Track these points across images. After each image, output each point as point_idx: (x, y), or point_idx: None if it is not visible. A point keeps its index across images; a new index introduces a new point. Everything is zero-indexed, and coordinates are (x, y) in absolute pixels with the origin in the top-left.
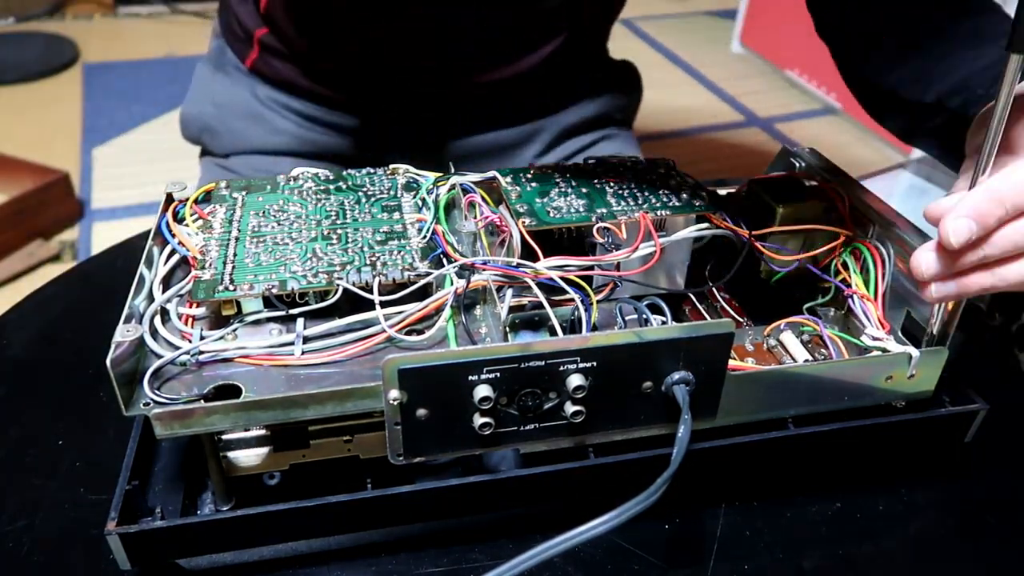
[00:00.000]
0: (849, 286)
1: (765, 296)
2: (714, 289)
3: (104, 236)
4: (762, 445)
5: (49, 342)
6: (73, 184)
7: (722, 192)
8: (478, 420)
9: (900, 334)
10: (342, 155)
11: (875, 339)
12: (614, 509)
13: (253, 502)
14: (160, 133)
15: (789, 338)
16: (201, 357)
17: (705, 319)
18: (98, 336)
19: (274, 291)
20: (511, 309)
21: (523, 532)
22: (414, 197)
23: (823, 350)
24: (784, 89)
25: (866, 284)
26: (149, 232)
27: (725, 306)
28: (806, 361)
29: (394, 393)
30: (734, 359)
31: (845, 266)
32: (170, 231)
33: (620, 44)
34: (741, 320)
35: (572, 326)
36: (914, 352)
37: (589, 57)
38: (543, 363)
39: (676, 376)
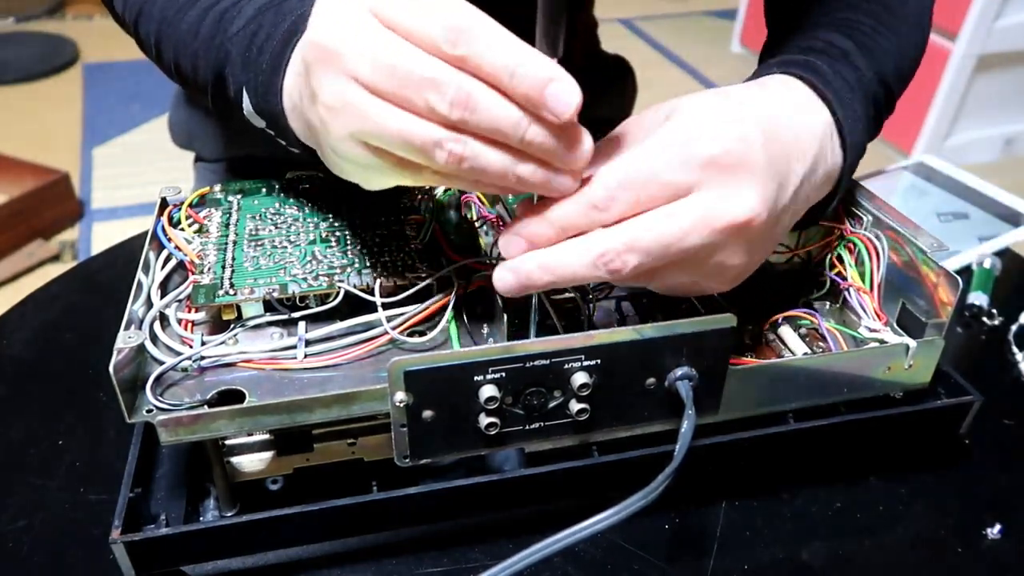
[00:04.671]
0: (845, 279)
1: (762, 291)
2: None
3: (104, 236)
4: (761, 440)
5: (49, 342)
6: (73, 184)
7: None
8: (484, 420)
9: (896, 325)
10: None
11: (872, 331)
12: (615, 505)
13: (257, 507)
14: (160, 133)
15: (787, 332)
16: (203, 362)
17: (703, 315)
18: (98, 336)
19: (275, 295)
20: None
21: (524, 532)
22: (410, 198)
23: (821, 343)
24: None
25: (861, 277)
26: (147, 233)
27: (722, 302)
28: (805, 354)
29: (400, 395)
30: (733, 354)
31: (840, 259)
32: (166, 236)
33: (620, 43)
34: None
35: (572, 325)
36: (911, 342)
37: (579, 49)
38: (548, 362)
39: (679, 372)
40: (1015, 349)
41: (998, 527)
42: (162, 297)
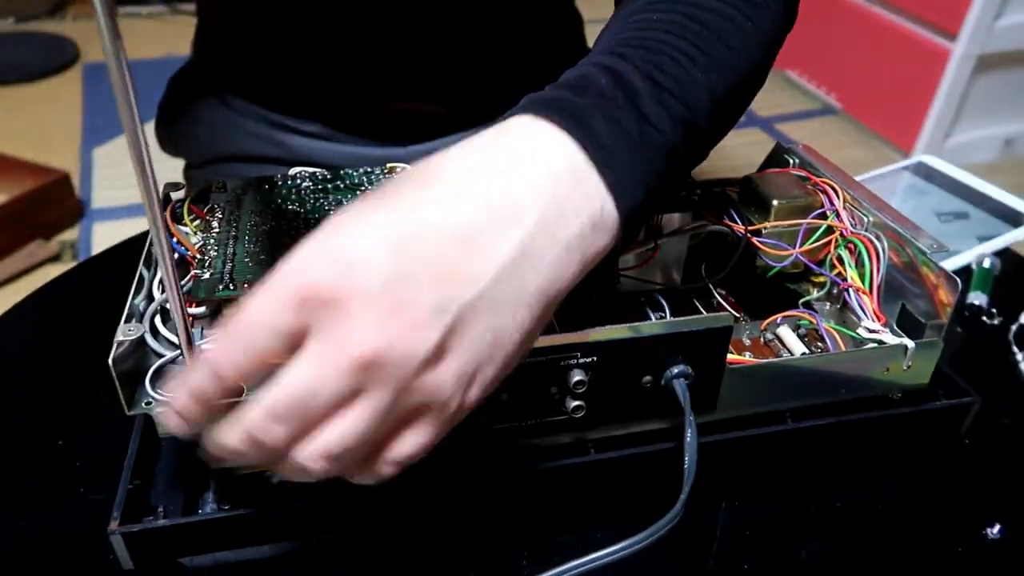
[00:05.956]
0: (844, 280)
1: (761, 291)
2: (711, 285)
3: (104, 236)
4: (760, 440)
5: (49, 342)
6: (73, 184)
7: (718, 189)
8: (480, 416)
9: (895, 326)
10: (322, 162)
11: (871, 332)
12: (643, 531)
13: (256, 500)
14: None
15: (786, 332)
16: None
17: (702, 315)
18: (98, 336)
19: None
20: None
21: (524, 532)
22: None
23: (820, 343)
24: (783, 89)
25: (861, 277)
26: (148, 232)
27: (722, 302)
28: (803, 354)
29: None
30: (732, 354)
31: (840, 260)
32: (168, 231)
33: None
34: (738, 315)
35: (568, 322)
36: (909, 344)
37: (557, 44)
38: (544, 358)
39: (675, 370)
40: (1015, 349)
41: (998, 527)
42: (163, 291)
